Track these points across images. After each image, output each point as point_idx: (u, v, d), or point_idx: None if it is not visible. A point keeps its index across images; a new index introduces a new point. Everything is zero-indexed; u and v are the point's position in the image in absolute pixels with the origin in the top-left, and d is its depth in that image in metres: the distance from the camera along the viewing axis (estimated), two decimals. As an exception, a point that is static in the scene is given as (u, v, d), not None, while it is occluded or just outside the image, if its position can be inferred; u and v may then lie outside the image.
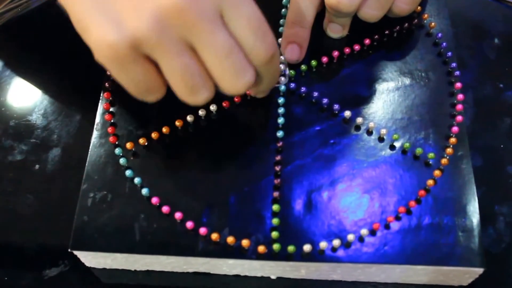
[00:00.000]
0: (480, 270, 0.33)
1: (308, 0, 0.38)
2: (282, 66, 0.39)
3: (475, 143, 0.40)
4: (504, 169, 0.40)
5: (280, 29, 0.41)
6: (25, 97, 0.44)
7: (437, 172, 0.35)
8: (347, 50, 0.40)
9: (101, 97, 0.39)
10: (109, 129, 0.37)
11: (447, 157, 0.36)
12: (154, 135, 0.37)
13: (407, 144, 0.36)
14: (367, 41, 0.40)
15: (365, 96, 0.39)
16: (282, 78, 0.39)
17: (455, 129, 0.37)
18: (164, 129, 0.37)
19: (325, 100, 0.38)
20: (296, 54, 0.39)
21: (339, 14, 0.38)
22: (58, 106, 0.43)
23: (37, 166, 0.40)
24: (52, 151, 0.41)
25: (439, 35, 0.41)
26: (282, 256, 0.33)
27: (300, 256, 0.33)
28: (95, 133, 0.37)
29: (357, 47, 0.40)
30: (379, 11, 0.38)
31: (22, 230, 0.38)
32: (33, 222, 0.38)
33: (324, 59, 0.40)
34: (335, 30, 0.40)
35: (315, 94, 0.39)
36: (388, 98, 0.39)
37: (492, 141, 0.41)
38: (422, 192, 0.35)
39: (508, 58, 0.45)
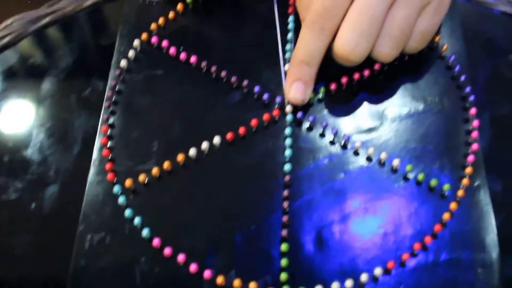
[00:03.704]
0: (501, 308, 0.31)
1: (318, 38, 0.35)
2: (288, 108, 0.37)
3: (493, 166, 0.38)
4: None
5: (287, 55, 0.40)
6: (20, 130, 0.42)
7: (453, 205, 0.34)
8: (356, 76, 0.38)
9: (98, 131, 0.37)
10: (107, 166, 0.35)
11: (464, 188, 0.34)
12: (154, 171, 0.35)
13: (421, 175, 0.35)
14: (376, 66, 0.38)
15: (376, 124, 0.37)
16: (289, 107, 0.37)
17: (470, 158, 0.35)
18: (165, 165, 0.35)
19: (334, 130, 0.36)
20: (302, 92, 0.36)
21: (347, 63, 0.36)
22: (55, 139, 0.41)
23: (33, 205, 0.38)
24: (49, 188, 0.39)
25: (452, 57, 0.39)
26: (292, 299, 0.31)
27: (311, 299, 0.31)
28: (92, 170, 0.35)
29: (366, 73, 0.38)
30: (394, 50, 0.36)
31: (19, 273, 0.36)
32: (30, 264, 0.36)
33: (333, 86, 0.38)
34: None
35: (324, 123, 0.37)
36: (401, 126, 0.37)
37: (511, 164, 0.39)
38: (438, 227, 0.33)
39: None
